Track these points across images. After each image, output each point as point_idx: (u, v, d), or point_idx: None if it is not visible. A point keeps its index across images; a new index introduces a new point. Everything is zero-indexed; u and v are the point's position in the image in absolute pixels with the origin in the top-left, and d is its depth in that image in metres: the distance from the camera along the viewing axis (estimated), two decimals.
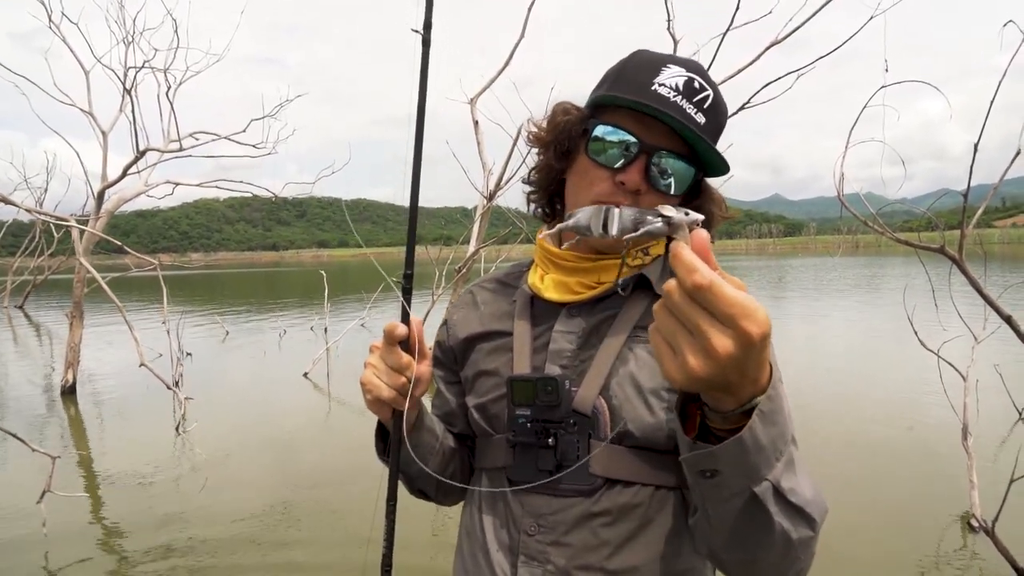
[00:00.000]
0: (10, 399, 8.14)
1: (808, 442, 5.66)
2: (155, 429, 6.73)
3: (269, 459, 5.70)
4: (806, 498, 0.72)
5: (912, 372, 7.82)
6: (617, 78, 0.96)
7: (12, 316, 19.19)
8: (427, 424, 1.05)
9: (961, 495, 4.08)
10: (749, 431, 0.64)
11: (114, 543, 4.04)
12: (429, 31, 0.98)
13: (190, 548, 3.84)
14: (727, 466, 0.67)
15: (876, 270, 31.86)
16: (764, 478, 0.68)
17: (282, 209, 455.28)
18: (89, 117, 8.10)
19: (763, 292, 22.42)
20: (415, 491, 1.14)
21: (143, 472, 5.28)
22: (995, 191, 2.96)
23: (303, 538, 3.98)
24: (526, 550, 0.93)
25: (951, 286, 3.39)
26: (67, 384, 8.05)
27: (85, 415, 7.42)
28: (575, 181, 1.00)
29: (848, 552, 3.67)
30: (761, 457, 0.66)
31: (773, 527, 0.70)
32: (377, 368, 0.94)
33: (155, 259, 6.81)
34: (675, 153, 0.92)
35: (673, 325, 0.61)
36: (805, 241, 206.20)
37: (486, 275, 1.21)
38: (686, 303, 0.59)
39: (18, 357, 11.93)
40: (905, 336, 4.39)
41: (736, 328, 0.57)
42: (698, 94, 0.92)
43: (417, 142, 0.98)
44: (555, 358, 0.98)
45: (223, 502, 4.60)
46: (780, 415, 0.67)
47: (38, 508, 3.85)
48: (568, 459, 0.91)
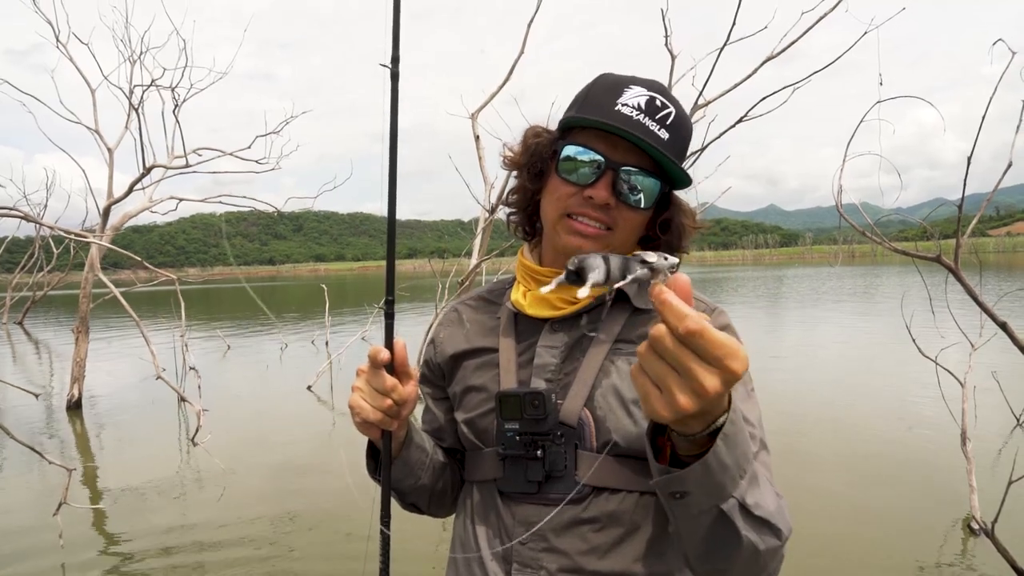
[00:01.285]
0: (15, 414, 8.16)
1: (807, 448, 5.74)
2: (163, 441, 6.80)
3: (276, 471, 5.75)
4: (770, 510, 0.77)
5: (910, 379, 7.91)
6: (584, 101, 1.01)
7: (11, 332, 19.19)
8: (416, 441, 1.07)
9: (960, 499, 4.16)
10: (714, 454, 0.69)
11: (128, 553, 4.08)
12: (397, 64, 1.00)
13: (202, 557, 3.89)
14: (695, 487, 0.72)
15: (872, 280, 32.00)
16: (730, 495, 0.73)
17: (279, 224, 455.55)
18: (95, 135, 8.20)
19: (762, 302, 22.53)
20: (407, 505, 1.16)
21: (154, 484, 5.33)
22: (989, 201, 3.05)
23: (310, 551, 4.03)
24: (519, 558, 0.97)
25: (947, 295, 3.48)
26: (73, 399, 8.10)
27: (92, 429, 7.46)
28: (548, 199, 1.04)
29: (849, 555, 3.74)
30: (726, 476, 0.71)
31: (741, 540, 0.75)
32: (364, 391, 0.96)
33: (174, 274, 6.87)
34: (641, 168, 0.97)
35: (662, 367, 0.64)
36: (801, 251, 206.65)
37: (469, 293, 1.23)
38: (676, 347, 0.62)
39: (21, 373, 11.94)
40: (903, 344, 4.48)
41: (723, 368, 0.61)
42: (660, 111, 0.97)
43: (391, 176, 0.98)
44: (540, 372, 1.02)
45: (233, 512, 4.65)
46: (740, 435, 0.72)
47: (52, 520, 3.90)
48: (556, 469, 0.95)
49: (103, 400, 8.81)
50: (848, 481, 4.93)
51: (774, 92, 5.11)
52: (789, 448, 5.71)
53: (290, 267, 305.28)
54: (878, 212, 3.29)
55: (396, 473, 1.05)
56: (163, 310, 20.37)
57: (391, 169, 0.98)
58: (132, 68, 8.25)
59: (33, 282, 22.67)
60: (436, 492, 1.13)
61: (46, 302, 25.29)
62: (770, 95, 5.12)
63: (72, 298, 28.00)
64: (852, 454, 5.55)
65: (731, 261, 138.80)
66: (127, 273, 7.96)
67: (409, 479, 1.07)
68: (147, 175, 8.02)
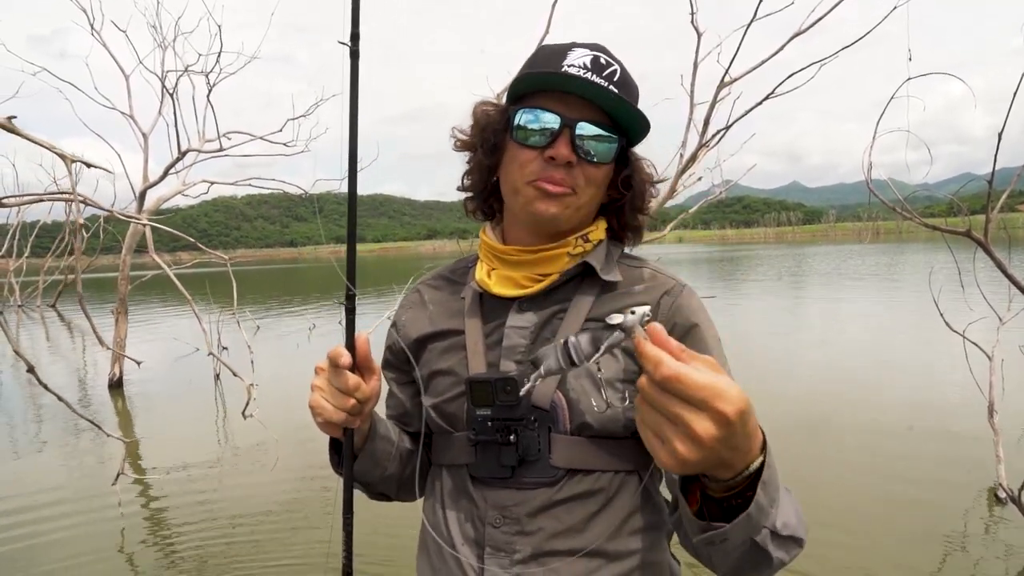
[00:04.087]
0: (60, 393, 8.47)
1: (832, 419, 5.83)
2: (204, 417, 7.05)
3: (314, 445, 5.95)
4: (794, 525, 0.76)
5: (937, 353, 7.92)
6: (530, 67, 1.00)
7: (45, 315, 19.69)
8: (381, 432, 1.05)
9: (987, 471, 4.22)
10: (756, 505, 0.68)
11: (183, 522, 4.30)
12: (357, 43, 0.94)
13: (250, 526, 4.11)
14: (735, 534, 0.71)
15: (897, 257, 31.63)
16: (763, 527, 0.72)
17: (299, 206, 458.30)
18: (130, 120, 8.40)
19: (786, 280, 22.41)
20: (376, 495, 1.14)
21: (199, 456, 5.57)
22: (1020, 176, 3.08)
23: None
24: (492, 542, 0.94)
25: (976, 270, 3.53)
26: (114, 378, 8.38)
27: (135, 406, 7.74)
28: (507, 170, 1.01)
29: (875, 523, 3.84)
30: (762, 515, 0.71)
31: (772, 562, 0.76)
32: (324, 391, 0.93)
33: (225, 255, 7.08)
34: (598, 123, 0.95)
35: (655, 417, 0.63)
36: (825, 229, 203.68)
37: (431, 272, 1.19)
38: (659, 395, 0.62)
39: (59, 354, 12.31)
40: (930, 318, 4.53)
41: (711, 410, 0.60)
42: (606, 68, 0.95)
43: (351, 161, 0.96)
44: (510, 354, 0.99)
45: (280, 482, 4.85)
46: (775, 475, 0.71)
47: (100, 490, 4.13)
48: (530, 454, 0.93)
49: (142, 378, 9.10)
50: (873, 451, 5.01)
51: (801, 69, 5.06)
52: (816, 420, 5.80)
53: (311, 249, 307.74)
54: (904, 188, 3.33)
55: (362, 466, 1.03)
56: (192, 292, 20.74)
57: (351, 151, 0.95)
58: (164, 53, 8.44)
59: (65, 266, 23.21)
60: (404, 479, 1.11)
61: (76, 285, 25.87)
62: (797, 72, 5.09)
63: (100, 281, 28.60)
64: (876, 427, 5.62)
65: (753, 239, 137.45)
66: (165, 256, 8.20)
67: (376, 471, 1.06)
68: (181, 159, 8.21)
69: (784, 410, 6.12)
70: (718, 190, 6.26)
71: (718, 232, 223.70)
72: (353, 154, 0.95)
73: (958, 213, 3.30)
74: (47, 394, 3.32)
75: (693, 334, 0.98)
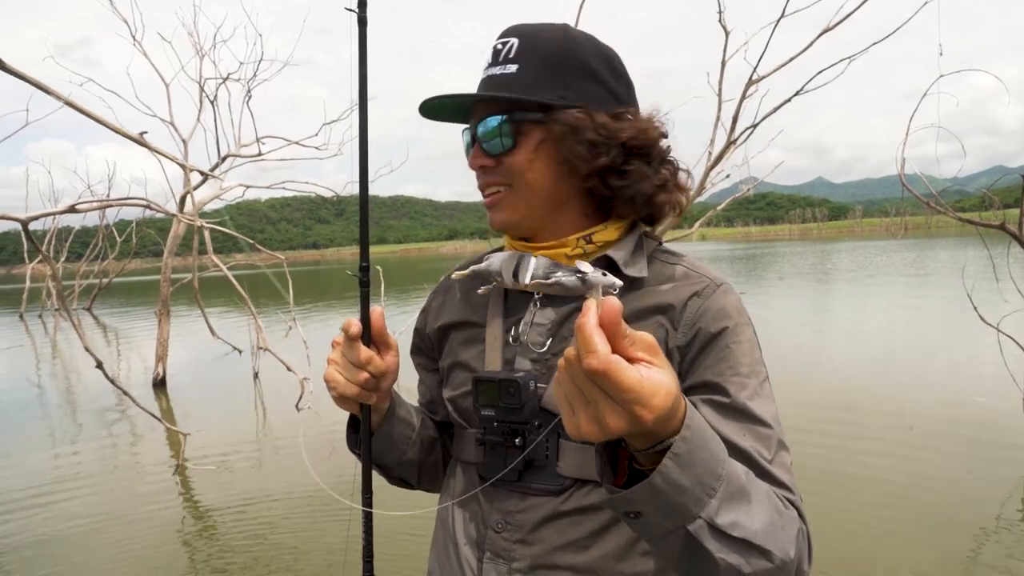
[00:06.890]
0: (105, 393, 8.78)
1: (865, 412, 5.87)
2: (245, 412, 7.33)
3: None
4: (754, 530, 0.69)
5: (971, 346, 7.91)
6: None
7: (81, 318, 20.22)
8: (401, 415, 1.03)
9: (1020, 463, 4.26)
10: (660, 475, 0.62)
11: (246, 505, 4.49)
12: (364, 9, 0.92)
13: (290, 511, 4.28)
14: (647, 508, 0.65)
15: (926, 252, 31.19)
16: (696, 516, 0.65)
17: (321, 208, 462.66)
18: (170, 127, 8.67)
19: (811, 275, 22.24)
20: (395, 480, 1.10)
21: (246, 449, 5.77)
22: None
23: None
24: (492, 547, 0.92)
25: (1009, 264, 3.58)
26: (158, 377, 8.66)
27: (179, 404, 8.02)
28: None
29: (909, 515, 3.90)
30: (686, 497, 0.64)
31: (716, 563, 0.68)
32: (339, 364, 0.92)
33: (282, 256, 7.36)
34: (491, 114, 0.92)
35: (572, 389, 0.61)
36: (851, 224, 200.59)
37: (466, 259, 1.15)
38: (582, 378, 0.59)
39: (104, 355, 12.68)
40: (965, 312, 4.56)
41: (630, 412, 0.58)
42: (502, 51, 0.93)
43: (362, 130, 0.95)
44: (526, 352, 0.96)
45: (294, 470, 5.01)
46: (703, 452, 0.65)
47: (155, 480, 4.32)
48: (537, 459, 0.90)
49: (185, 377, 9.40)
50: (907, 444, 5.05)
51: (830, 65, 5.06)
52: (847, 413, 5.85)
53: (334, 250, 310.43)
54: (935, 182, 3.38)
55: (378, 446, 1.01)
56: (217, 293, 21.16)
57: (362, 126, 0.94)
58: (201, 61, 8.71)
59: (99, 270, 23.84)
60: (427, 467, 1.08)
61: (111, 289, 26.47)
62: (825, 68, 5.09)
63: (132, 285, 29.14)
64: (910, 420, 5.65)
65: (777, 236, 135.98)
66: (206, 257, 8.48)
67: (392, 453, 1.03)
68: (221, 164, 8.48)
69: (813, 401, 6.19)
70: (745, 187, 6.32)
71: (742, 229, 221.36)
72: (364, 120, 0.94)
73: (991, 207, 3.36)
74: (86, 391, 3.52)
75: (716, 342, 0.88)
